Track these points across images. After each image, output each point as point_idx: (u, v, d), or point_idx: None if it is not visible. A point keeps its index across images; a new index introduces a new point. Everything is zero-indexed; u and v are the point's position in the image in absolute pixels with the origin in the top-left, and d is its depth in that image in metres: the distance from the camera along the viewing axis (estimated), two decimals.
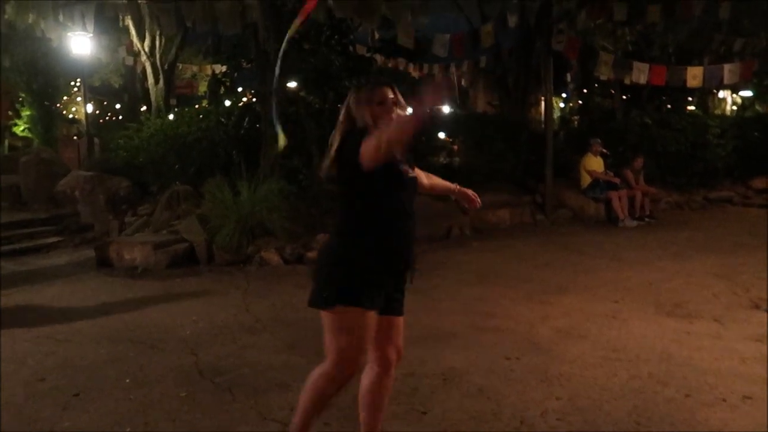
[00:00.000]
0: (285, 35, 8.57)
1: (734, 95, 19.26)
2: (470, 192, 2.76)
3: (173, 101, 15.70)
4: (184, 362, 3.93)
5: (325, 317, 2.29)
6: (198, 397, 3.39)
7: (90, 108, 17.10)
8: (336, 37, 8.76)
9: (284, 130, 3.00)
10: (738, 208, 10.47)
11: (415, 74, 17.81)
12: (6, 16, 8.83)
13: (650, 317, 4.64)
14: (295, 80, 9.21)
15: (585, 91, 18.58)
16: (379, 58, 13.45)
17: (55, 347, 4.28)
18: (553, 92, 11.66)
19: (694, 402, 3.18)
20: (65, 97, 22.28)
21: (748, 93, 18.27)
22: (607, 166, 9.72)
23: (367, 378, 2.46)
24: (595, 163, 9.63)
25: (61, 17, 9.01)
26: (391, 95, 2.33)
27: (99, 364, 3.93)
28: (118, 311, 5.16)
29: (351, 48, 9.18)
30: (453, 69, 17.41)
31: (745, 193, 11.00)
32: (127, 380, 3.65)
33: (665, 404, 3.15)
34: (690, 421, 2.98)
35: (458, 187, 2.78)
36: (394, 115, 2.28)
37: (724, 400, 3.19)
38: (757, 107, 17.64)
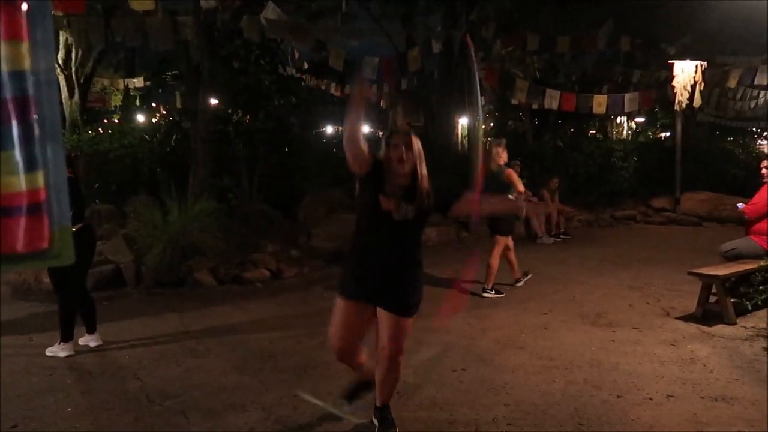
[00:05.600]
0: (217, 53, 8.49)
1: (630, 121, 20.96)
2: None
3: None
4: (129, 387, 3.81)
5: (408, 323, 2.90)
6: (150, 422, 3.31)
7: None
8: (266, 57, 8.79)
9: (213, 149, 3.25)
10: (641, 226, 11.43)
11: (336, 94, 18.15)
12: None
13: (577, 327, 5.01)
14: (225, 98, 9.13)
15: (497, 114, 19.52)
16: (308, 78, 13.56)
17: None
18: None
19: (625, 402, 3.49)
20: None
21: (641, 119, 19.99)
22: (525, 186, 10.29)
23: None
24: None
25: None
26: (404, 141, 2.83)
27: (34, 393, 3.72)
28: (45, 338, 4.87)
29: (281, 68, 9.23)
30: (374, 90, 17.82)
31: (646, 211, 12.03)
32: (69, 409, 3.49)
33: (601, 406, 3.45)
34: (624, 420, 3.28)
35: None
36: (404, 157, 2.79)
37: (651, 399, 3.53)
38: (648, 132, 19.33)
